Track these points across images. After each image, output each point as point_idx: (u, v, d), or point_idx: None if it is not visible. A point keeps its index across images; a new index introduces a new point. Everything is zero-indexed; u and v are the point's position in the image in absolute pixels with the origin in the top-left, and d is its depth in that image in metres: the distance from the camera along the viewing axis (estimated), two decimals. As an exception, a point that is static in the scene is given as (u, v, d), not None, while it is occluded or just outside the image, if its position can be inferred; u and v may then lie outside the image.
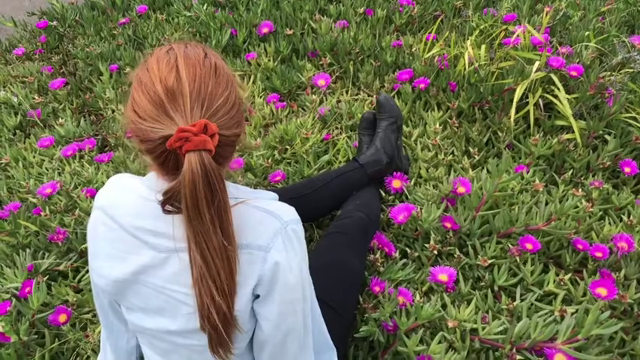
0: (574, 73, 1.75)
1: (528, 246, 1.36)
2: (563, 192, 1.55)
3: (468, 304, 1.29)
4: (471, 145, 1.77)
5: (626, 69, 1.84)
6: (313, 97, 1.96)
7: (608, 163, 1.63)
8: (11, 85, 2.26)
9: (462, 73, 1.89)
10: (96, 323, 1.37)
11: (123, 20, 2.51)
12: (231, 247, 0.74)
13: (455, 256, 1.38)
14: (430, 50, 2.00)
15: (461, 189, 1.48)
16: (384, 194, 1.58)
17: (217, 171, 0.70)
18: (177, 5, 2.53)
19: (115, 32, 2.48)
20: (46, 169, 1.81)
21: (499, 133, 1.77)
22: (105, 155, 1.82)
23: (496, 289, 1.34)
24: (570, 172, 1.62)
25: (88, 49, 2.35)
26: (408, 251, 1.43)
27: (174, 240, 0.78)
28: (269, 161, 1.70)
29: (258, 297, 0.81)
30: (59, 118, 2.03)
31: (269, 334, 0.83)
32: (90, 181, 1.71)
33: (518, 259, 1.35)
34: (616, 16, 2.12)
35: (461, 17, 2.28)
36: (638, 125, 1.68)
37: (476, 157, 1.71)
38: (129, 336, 1.03)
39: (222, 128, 0.73)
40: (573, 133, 1.66)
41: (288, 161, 1.77)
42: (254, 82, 2.10)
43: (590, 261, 1.36)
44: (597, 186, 1.52)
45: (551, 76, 1.72)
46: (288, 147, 1.79)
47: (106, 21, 2.59)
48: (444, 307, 1.27)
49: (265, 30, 2.27)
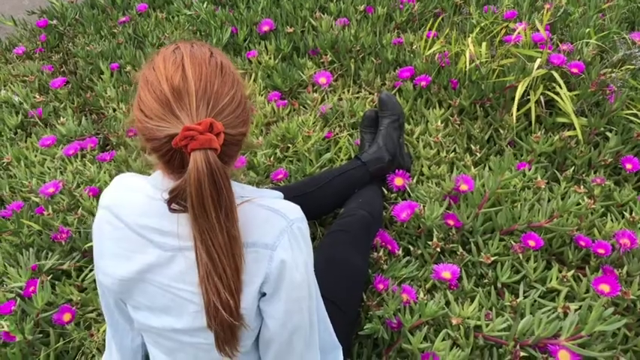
0: (575, 70, 1.75)
1: (531, 243, 1.36)
2: (565, 189, 1.56)
3: (472, 301, 1.29)
4: (473, 142, 1.77)
5: (627, 66, 1.84)
6: (314, 95, 1.96)
7: (610, 160, 1.63)
8: (12, 84, 2.26)
9: (463, 70, 1.89)
10: (100, 322, 1.38)
11: (123, 19, 2.51)
12: (237, 245, 0.74)
13: (458, 253, 1.39)
14: (431, 48, 1.99)
15: (463, 186, 1.48)
16: (386, 192, 1.59)
17: (223, 169, 0.70)
18: (177, 3, 2.53)
19: (115, 31, 2.48)
20: (48, 169, 1.81)
21: (501, 131, 1.77)
22: (107, 154, 1.82)
23: (499, 286, 1.35)
24: (572, 169, 1.62)
25: (88, 48, 2.35)
26: (411, 249, 1.44)
27: (179, 238, 0.79)
28: (271, 159, 1.70)
29: (264, 295, 0.81)
30: (60, 117, 2.03)
31: (275, 332, 0.83)
32: (92, 180, 1.71)
33: (520, 256, 1.36)
34: (616, 13, 2.12)
35: (461, 14, 2.28)
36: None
37: (478, 154, 1.71)
38: (134, 334, 1.03)
39: (228, 127, 0.74)
40: (575, 130, 1.66)
41: (290, 159, 1.77)
42: (255, 81, 2.10)
43: (593, 258, 1.37)
44: (599, 183, 1.52)
45: (553, 73, 1.72)
46: (290, 145, 1.79)
47: (106, 19, 2.59)
48: (448, 304, 1.27)
49: (266, 28, 2.27)
